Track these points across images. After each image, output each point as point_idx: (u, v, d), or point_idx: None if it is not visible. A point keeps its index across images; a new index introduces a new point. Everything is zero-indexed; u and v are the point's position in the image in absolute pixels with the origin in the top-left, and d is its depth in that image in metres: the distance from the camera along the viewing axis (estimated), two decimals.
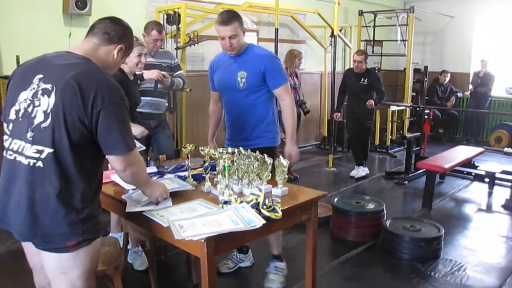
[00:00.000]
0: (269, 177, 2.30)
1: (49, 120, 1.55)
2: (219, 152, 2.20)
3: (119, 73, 2.95)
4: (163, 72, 3.61)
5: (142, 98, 3.65)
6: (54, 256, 1.63)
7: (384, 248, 3.49)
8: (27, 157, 1.58)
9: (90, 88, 1.56)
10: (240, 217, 1.88)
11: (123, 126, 1.64)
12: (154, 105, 3.72)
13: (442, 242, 3.44)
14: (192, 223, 1.83)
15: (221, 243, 1.81)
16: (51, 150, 1.56)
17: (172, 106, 4.48)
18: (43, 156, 1.56)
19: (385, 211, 3.74)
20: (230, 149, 2.22)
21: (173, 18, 4.77)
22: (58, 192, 1.57)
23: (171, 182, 2.33)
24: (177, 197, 2.18)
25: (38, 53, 1.75)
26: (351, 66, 5.65)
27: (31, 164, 1.57)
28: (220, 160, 2.22)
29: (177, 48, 4.78)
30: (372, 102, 5.34)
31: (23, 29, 4.20)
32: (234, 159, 2.27)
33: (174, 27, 4.90)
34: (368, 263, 3.33)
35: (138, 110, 3.62)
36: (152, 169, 2.68)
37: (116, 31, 1.75)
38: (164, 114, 4.01)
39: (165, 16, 4.87)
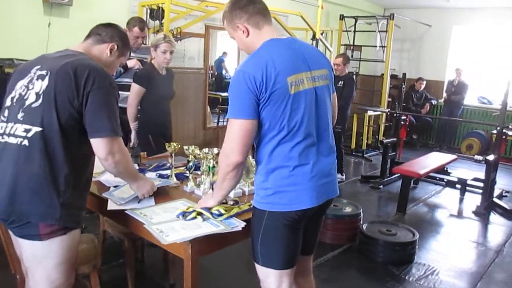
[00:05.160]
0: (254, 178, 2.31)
1: (40, 100, 1.63)
2: (204, 152, 2.19)
3: (148, 67, 3.51)
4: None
5: (122, 93, 3.60)
6: (28, 244, 1.65)
7: (360, 251, 3.54)
8: (16, 136, 1.62)
9: (83, 71, 1.65)
10: (220, 221, 1.87)
11: (110, 111, 1.68)
12: None
13: (417, 247, 3.52)
14: (171, 227, 1.80)
15: (205, 245, 1.80)
16: (39, 129, 1.60)
17: None
18: (29, 135, 1.61)
19: (361, 215, 3.80)
20: (215, 150, 2.21)
21: (157, 13, 4.71)
22: (42, 171, 1.59)
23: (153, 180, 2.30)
24: (159, 196, 2.15)
25: (17, 42, 1.81)
26: None
27: (18, 143, 1.61)
28: (204, 160, 2.22)
29: None
30: None
31: (1, 17, 4.07)
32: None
33: (157, 22, 4.84)
34: (345, 265, 3.38)
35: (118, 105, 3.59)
36: None
37: (107, 32, 1.88)
38: None
39: (148, 11, 4.80)
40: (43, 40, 4.22)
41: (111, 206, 2.01)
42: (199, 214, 1.90)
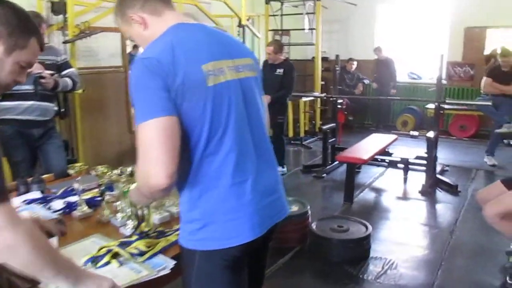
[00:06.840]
0: None
1: None
2: (117, 174, 1.75)
3: None
4: (44, 73, 3.05)
5: (22, 102, 3.08)
6: None
7: (312, 252, 3.26)
8: None
9: None
10: (142, 262, 1.46)
11: None
12: (38, 111, 3.15)
13: (371, 241, 3.29)
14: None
15: None
16: None
17: (64, 110, 3.84)
18: None
19: (309, 213, 3.50)
20: (129, 168, 1.77)
21: (59, 6, 4.10)
22: None
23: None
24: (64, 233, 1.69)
25: None
26: (262, 58, 5.37)
27: None
28: (118, 183, 1.78)
29: (65, 42, 4.12)
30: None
31: None
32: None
33: (61, 17, 4.23)
34: (298, 271, 3.08)
35: (15, 117, 3.05)
36: (35, 194, 2.14)
37: None
38: (53, 121, 3.41)
39: (50, 4, 4.19)
40: None
41: None
42: (114, 256, 1.48)
